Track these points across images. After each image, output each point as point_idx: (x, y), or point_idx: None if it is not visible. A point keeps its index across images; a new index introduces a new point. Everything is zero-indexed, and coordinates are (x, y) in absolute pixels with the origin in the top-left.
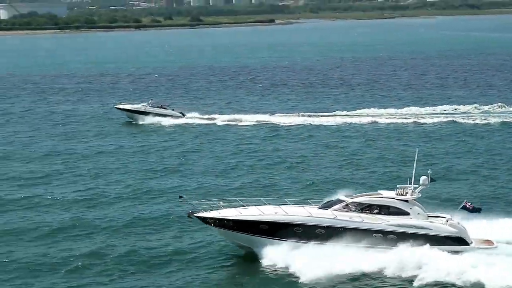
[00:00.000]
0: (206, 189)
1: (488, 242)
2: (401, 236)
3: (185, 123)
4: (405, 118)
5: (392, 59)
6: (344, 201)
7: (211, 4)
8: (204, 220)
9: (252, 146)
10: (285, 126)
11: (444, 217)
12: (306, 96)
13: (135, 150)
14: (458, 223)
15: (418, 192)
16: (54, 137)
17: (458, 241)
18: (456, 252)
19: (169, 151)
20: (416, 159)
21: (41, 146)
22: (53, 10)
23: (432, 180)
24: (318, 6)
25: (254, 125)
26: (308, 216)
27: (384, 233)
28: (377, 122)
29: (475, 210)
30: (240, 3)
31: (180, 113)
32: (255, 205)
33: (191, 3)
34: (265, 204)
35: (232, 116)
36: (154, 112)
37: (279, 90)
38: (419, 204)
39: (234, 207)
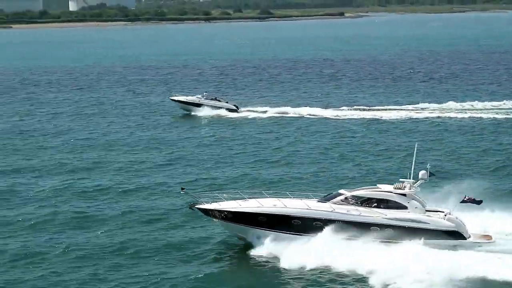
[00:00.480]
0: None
1: (487, 236)
2: (398, 230)
3: (238, 116)
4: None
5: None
6: (343, 194)
7: None
8: (205, 211)
9: (286, 138)
10: (331, 119)
11: (443, 212)
12: (391, 90)
13: (184, 142)
14: (457, 218)
15: (417, 187)
16: (119, 128)
17: (455, 235)
18: (453, 246)
19: (214, 143)
20: (415, 153)
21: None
22: (122, 2)
23: (431, 174)
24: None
25: (305, 118)
26: (306, 208)
27: (381, 227)
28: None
29: (476, 202)
30: None
31: (234, 105)
32: (256, 198)
33: None
34: (267, 197)
35: (282, 109)
36: (207, 104)
37: (342, 82)
38: (419, 198)
39: (235, 199)
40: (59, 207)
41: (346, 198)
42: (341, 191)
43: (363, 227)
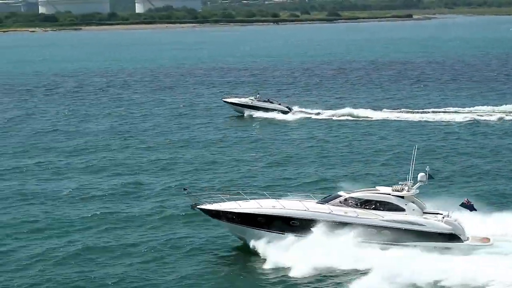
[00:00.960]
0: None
1: (485, 239)
2: (395, 232)
3: (290, 117)
4: None
5: None
6: (341, 196)
7: None
8: (207, 212)
9: (324, 141)
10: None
11: (441, 214)
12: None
13: (234, 142)
14: (455, 220)
15: (416, 189)
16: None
17: (451, 238)
18: (449, 249)
19: (259, 144)
20: (414, 155)
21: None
22: (188, 4)
23: (430, 177)
24: (453, 1)
25: (357, 120)
26: (304, 210)
27: (378, 229)
28: None
29: (471, 208)
30: None
31: (287, 107)
32: (257, 199)
33: None
34: (268, 198)
35: (337, 111)
36: (260, 106)
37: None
38: (418, 200)
39: (237, 200)
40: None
41: (344, 199)
42: (340, 192)
43: (361, 228)
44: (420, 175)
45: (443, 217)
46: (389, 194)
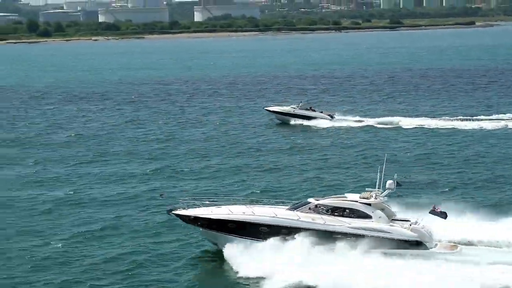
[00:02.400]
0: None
1: (453, 246)
2: (361, 239)
3: (331, 125)
4: None
5: None
6: (311, 202)
7: (401, 6)
8: (181, 217)
9: (368, 146)
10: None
11: (410, 221)
12: None
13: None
14: (423, 227)
15: (384, 196)
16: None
17: (416, 245)
18: (414, 256)
19: (296, 151)
20: (384, 164)
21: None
22: (247, 12)
23: (398, 184)
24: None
25: (399, 128)
26: (273, 216)
27: (345, 235)
28: None
29: (442, 215)
30: (431, 5)
31: (329, 115)
32: (228, 205)
33: (381, 6)
34: (244, 204)
35: (384, 119)
36: (302, 114)
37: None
38: (388, 207)
39: (212, 206)
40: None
41: (314, 206)
42: (309, 199)
43: (327, 235)
44: (388, 183)
45: (410, 224)
46: (357, 202)
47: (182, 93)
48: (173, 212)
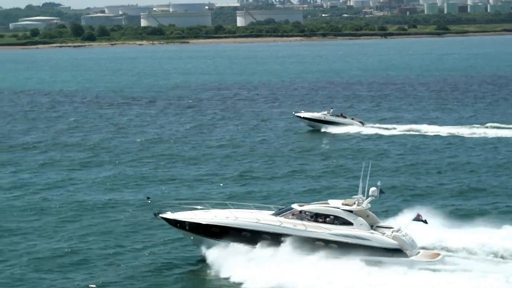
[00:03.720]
0: None
1: (434, 255)
2: (341, 245)
3: (362, 132)
4: None
5: None
6: (293, 208)
7: (445, 12)
8: (167, 221)
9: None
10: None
11: (392, 228)
12: None
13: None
14: (405, 235)
15: (367, 203)
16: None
17: (396, 253)
18: (393, 264)
19: (321, 157)
20: (369, 171)
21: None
22: (290, 17)
23: (381, 192)
24: None
25: (432, 136)
26: (255, 222)
27: (326, 242)
28: None
29: (424, 221)
30: (476, 11)
31: (360, 121)
32: (217, 209)
33: (425, 11)
34: (230, 208)
35: (411, 126)
36: (332, 120)
37: None
38: (372, 214)
39: (200, 210)
40: None
41: (296, 212)
42: (293, 205)
43: (308, 242)
44: (372, 190)
45: (392, 232)
46: (338, 208)
47: (230, 98)
48: (160, 215)
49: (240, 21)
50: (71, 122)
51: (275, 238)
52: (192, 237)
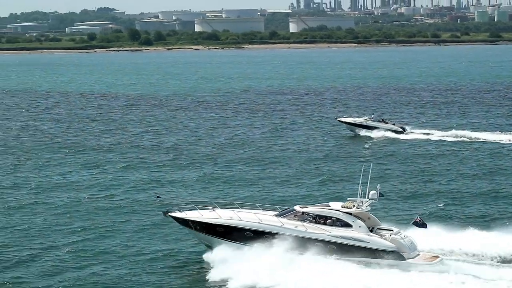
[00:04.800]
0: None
1: (433, 258)
2: (340, 247)
3: (403, 137)
4: None
5: None
6: (295, 210)
7: (495, 20)
8: (176, 219)
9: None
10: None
11: (392, 230)
12: None
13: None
14: (403, 238)
15: (367, 206)
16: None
17: (393, 255)
18: (390, 266)
19: (355, 161)
20: (370, 172)
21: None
22: (342, 24)
23: (381, 195)
24: None
25: (473, 142)
26: (258, 222)
27: (325, 243)
28: None
29: (423, 226)
30: None
31: (401, 127)
32: (225, 209)
33: (475, 19)
34: (237, 207)
35: (457, 132)
36: (374, 125)
37: None
38: (373, 216)
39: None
40: None
41: (298, 213)
42: (295, 207)
43: (308, 243)
44: (371, 193)
45: (390, 234)
46: (338, 211)
47: (282, 103)
48: (169, 214)
49: (293, 27)
50: (144, 124)
51: (275, 238)
52: (198, 236)
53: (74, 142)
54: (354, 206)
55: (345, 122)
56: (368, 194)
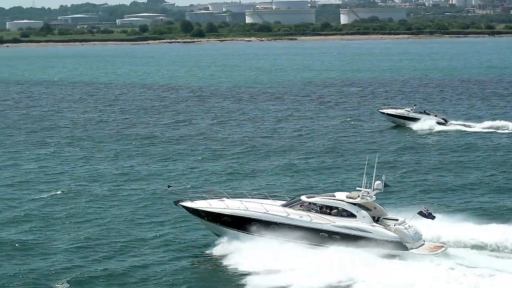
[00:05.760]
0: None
1: (436, 248)
2: (344, 237)
3: (444, 129)
4: None
5: None
6: (301, 200)
7: None
8: (186, 209)
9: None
10: None
11: (397, 220)
12: None
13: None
14: (408, 228)
15: (372, 196)
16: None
17: (396, 245)
18: (392, 256)
19: (406, 152)
20: (375, 165)
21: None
22: (393, 15)
23: (386, 185)
24: None
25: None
26: (264, 212)
27: (329, 233)
28: None
29: (430, 216)
30: None
31: (443, 119)
32: (234, 199)
33: None
34: (248, 197)
35: (498, 123)
36: (415, 117)
37: None
38: (379, 206)
39: (218, 199)
40: None
41: (303, 204)
42: (301, 197)
43: (313, 232)
44: (376, 183)
45: (394, 224)
46: (343, 201)
47: (348, 95)
48: (180, 203)
49: (344, 19)
50: (211, 117)
51: (282, 228)
52: (207, 225)
53: (143, 134)
54: (359, 196)
55: (387, 114)
56: (374, 184)
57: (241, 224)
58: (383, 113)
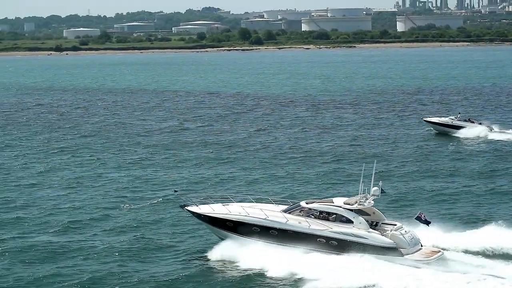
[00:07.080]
0: None
1: (431, 253)
2: (341, 243)
3: (489, 137)
4: None
5: None
6: (301, 206)
7: None
8: (192, 213)
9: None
10: None
11: (395, 225)
12: None
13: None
14: (404, 233)
15: (369, 202)
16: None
17: (391, 251)
18: (388, 261)
19: (429, 159)
20: (374, 170)
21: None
22: (449, 22)
23: (382, 191)
24: None
25: None
26: (264, 218)
27: (327, 239)
28: None
29: (425, 222)
30: None
31: (488, 127)
32: (238, 203)
33: None
34: (252, 201)
35: None
36: (460, 125)
37: None
38: (378, 211)
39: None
40: None
41: (303, 209)
42: (301, 202)
43: (310, 238)
44: (373, 189)
45: (390, 230)
46: (340, 207)
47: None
48: (186, 208)
49: (400, 26)
50: (287, 125)
51: (282, 234)
52: (211, 229)
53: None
54: (356, 202)
55: (431, 122)
56: (371, 190)
57: (243, 229)
58: (427, 121)
